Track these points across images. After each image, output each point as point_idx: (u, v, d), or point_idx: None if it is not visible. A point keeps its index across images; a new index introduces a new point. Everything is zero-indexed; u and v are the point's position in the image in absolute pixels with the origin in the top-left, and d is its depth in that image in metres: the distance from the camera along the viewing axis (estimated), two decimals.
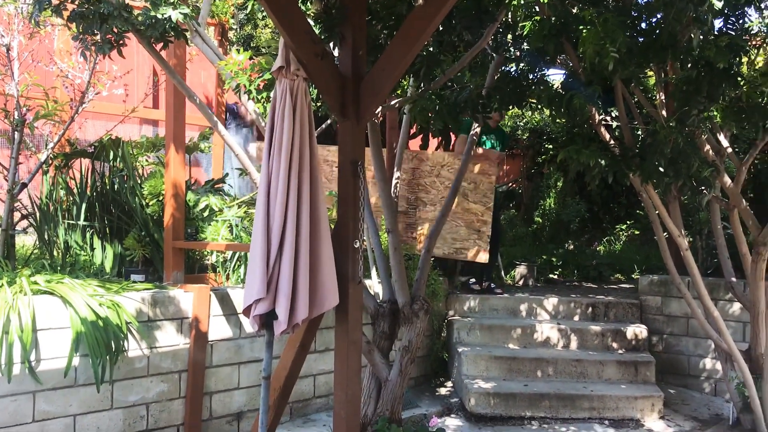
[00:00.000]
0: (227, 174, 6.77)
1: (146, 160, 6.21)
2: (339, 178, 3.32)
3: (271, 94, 3.43)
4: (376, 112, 4.28)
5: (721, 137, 4.71)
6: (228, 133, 4.29)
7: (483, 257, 6.28)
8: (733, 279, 5.23)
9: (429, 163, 6.59)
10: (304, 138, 3.16)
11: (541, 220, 10.02)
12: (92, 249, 5.24)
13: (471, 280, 6.90)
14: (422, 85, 4.21)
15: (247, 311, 3.12)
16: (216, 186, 6.00)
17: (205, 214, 5.49)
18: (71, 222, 5.36)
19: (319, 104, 4.35)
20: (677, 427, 5.21)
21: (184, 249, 5.10)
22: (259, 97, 3.95)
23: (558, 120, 7.46)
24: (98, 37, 3.61)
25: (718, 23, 4.02)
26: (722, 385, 5.75)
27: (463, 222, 6.37)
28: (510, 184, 11.40)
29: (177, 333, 4.41)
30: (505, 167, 11.61)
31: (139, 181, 5.58)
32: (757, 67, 4.65)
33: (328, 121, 4.88)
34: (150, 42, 3.79)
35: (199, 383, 4.47)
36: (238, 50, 4.08)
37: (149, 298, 4.29)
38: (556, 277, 8.39)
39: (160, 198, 5.28)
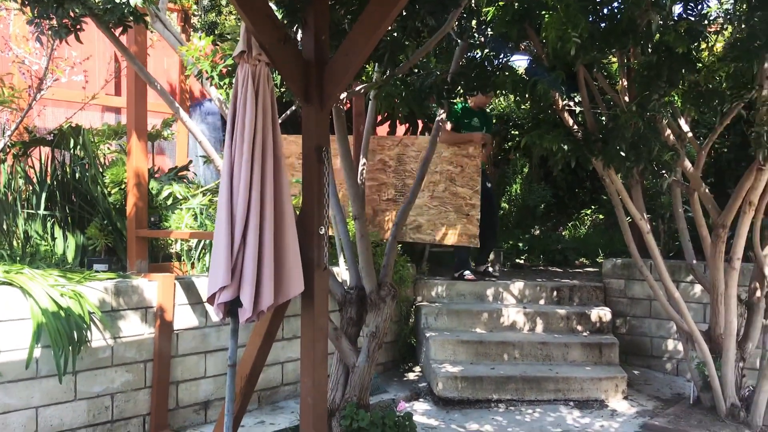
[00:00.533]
0: (191, 161, 6.69)
1: (108, 148, 6.10)
2: (303, 165, 3.30)
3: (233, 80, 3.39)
4: (341, 97, 4.26)
5: (682, 122, 4.79)
6: (191, 120, 4.24)
7: (474, 242, 6.30)
8: (694, 261, 5.34)
9: (414, 148, 6.56)
10: (267, 124, 3.13)
11: (507, 206, 10.09)
12: (53, 239, 5.15)
13: (465, 272, 6.68)
14: (387, 71, 4.20)
15: (211, 299, 3.09)
16: (180, 174, 5.93)
17: (169, 202, 5.42)
18: (31, 212, 5.25)
19: (283, 90, 4.31)
20: (640, 406, 5.32)
21: (147, 238, 5.03)
22: (222, 83, 3.91)
23: (522, 106, 7.51)
24: (54, 21, 3.53)
25: (678, 9, 4.08)
26: (684, 365, 5.88)
27: (452, 207, 6.36)
28: None
29: (141, 322, 4.36)
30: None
31: (100, 170, 5.49)
32: (715, 52, 4.73)
33: (293, 107, 4.84)
34: (109, 27, 3.71)
35: (164, 373, 4.43)
36: (200, 36, 4.02)
37: (112, 288, 4.24)
38: (522, 262, 8.47)
39: (123, 186, 5.20)
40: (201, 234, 4.91)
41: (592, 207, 9.88)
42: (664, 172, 4.23)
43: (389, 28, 3.90)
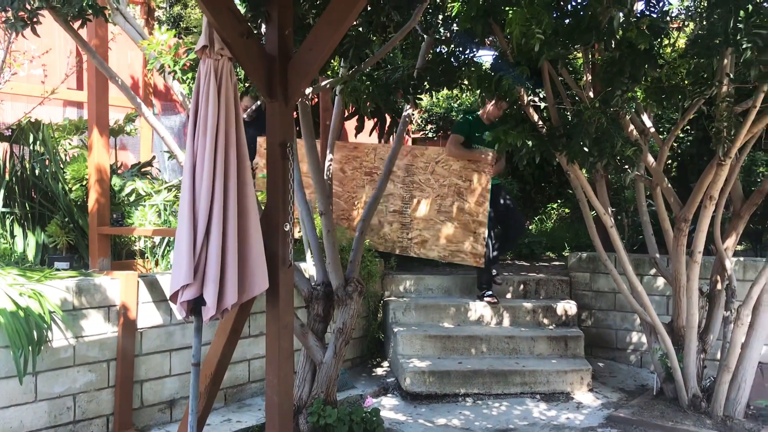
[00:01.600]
0: (154, 157, 6.59)
1: (69, 144, 5.98)
2: (267, 160, 3.27)
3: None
4: (306, 92, 4.23)
5: (645, 117, 4.85)
6: (153, 115, 4.17)
7: (479, 262, 5.96)
8: (657, 255, 5.42)
9: (423, 159, 6.29)
10: (230, 119, 3.10)
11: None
12: (12, 236, 5.03)
13: (486, 294, 6.19)
14: (353, 66, 4.19)
15: (174, 297, 3.06)
16: (143, 170, 5.84)
17: (132, 198, 5.34)
18: None
19: (247, 85, 4.27)
20: (605, 398, 5.39)
21: (110, 235, 4.95)
22: (185, 78, 3.85)
23: (488, 101, 7.52)
24: (10, 14, 3.44)
25: (640, 6, 4.12)
26: (647, 357, 5.97)
27: (460, 223, 6.02)
28: None
29: (104, 321, 4.29)
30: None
31: (61, 166, 5.37)
32: (678, 49, 4.80)
33: (258, 102, 4.79)
34: (67, 20, 3.63)
35: (128, 372, 4.36)
36: (162, 29, 3.96)
37: (74, 287, 4.16)
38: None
39: (84, 183, 5.10)
40: (164, 231, 4.84)
41: (559, 201, 9.97)
42: (627, 167, 4.28)
43: (354, 22, 3.89)
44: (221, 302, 3.02)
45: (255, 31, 3.28)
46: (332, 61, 4.39)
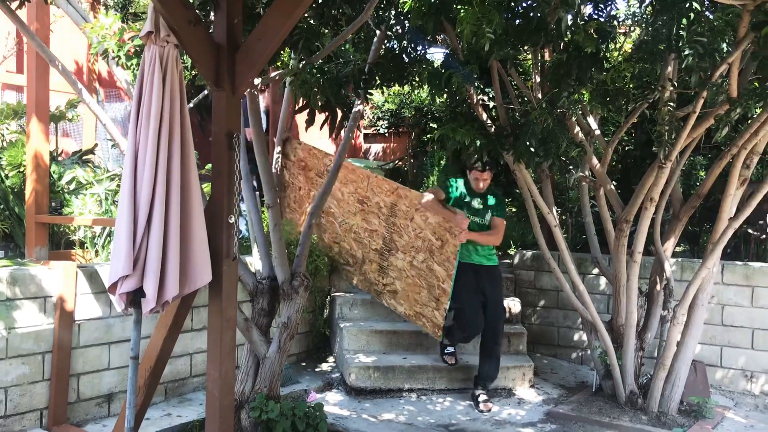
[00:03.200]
0: (96, 145, 6.42)
1: (7, 129, 5.76)
2: (213, 151, 3.21)
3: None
4: (256, 83, 4.18)
5: (591, 120, 4.95)
6: (95, 101, 4.06)
7: (437, 333, 5.32)
8: (599, 254, 5.55)
9: (406, 203, 5.58)
10: (175, 108, 3.03)
11: None
12: None
13: (446, 351, 5.56)
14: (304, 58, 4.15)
15: (112, 288, 2.98)
16: (84, 158, 5.68)
17: (72, 186, 5.18)
18: None
19: (194, 73, 4.19)
20: (546, 394, 5.49)
21: (48, 224, 4.80)
22: (129, 64, 3.75)
23: (438, 98, 7.56)
24: None
25: (588, 9, 4.20)
26: (588, 354, 6.10)
27: (426, 284, 5.38)
28: (396, 162, 11.51)
29: (40, 312, 4.16)
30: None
31: None
32: (624, 53, 4.90)
33: (205, 92, 4.71)
34: (4, 0, 3.49)
35: (64, 365, 4.23)
36: (106, 13, 3.85)
37: (8, 276, 4.01)
38: None
39: (22, 169, 4.93)
40: (105, 221, 4.71)
41: (506, 200, 10.09)
42: (571, 167, 4.36)
43: (305, 14, 3.86)
44: (162, 294, 2.95)
45: (203, 19, 3.21)
46: (282, 52, 4.34)
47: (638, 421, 4.78)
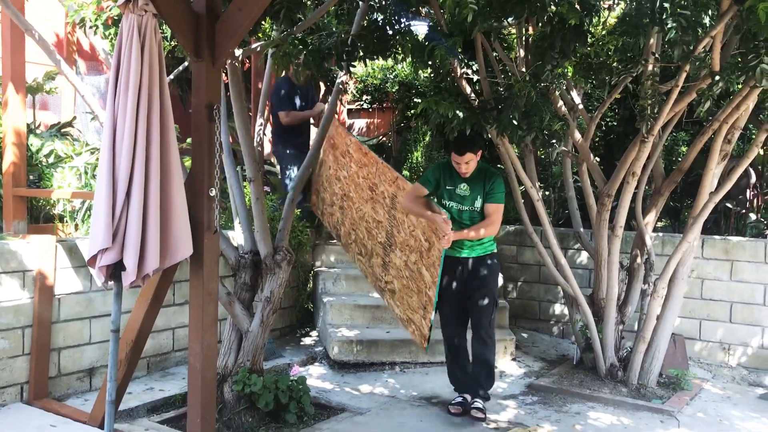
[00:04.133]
0: (75, 117, 6.31)
1: None
2: (193, 123, 3.17)
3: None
4: (237, 55, 4.12)
5: (574, 94, 4.94)
6: (73, 73, 3.99)
7: (423, 344, 4.63)
8: (581, 229, 5.57)
9: (403, 195, 4.82)
10: (154, 79, 2.98)
11: (409, 173, 10.17)
12: None
13: (453, 401, 4.54)
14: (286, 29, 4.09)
15: (92, 261, 2.95)
16: (63, 131, 5.59)
17: (51, 160, 5.10)
18: None
19: (174, 44, 4.12)
20: (527, 367, 5.54)
21: (26, 197, 4.73)
22: (107, 34, 3.68)
23: (421, 71, 7.50)
24: None
25: None
26: (569, 328, 6.16)
27: (416, 287, 4.71)
28: (380, 137, 11.46)
29: (19, 287, 4.11)
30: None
31: None
32: (607, 26, 4.88)
33: (185, 64, 4.64)
34: None
35: (45, 339, 4.21)
36: None
37: None
38: None
39: None
40: (84, 194, 4.65)
41: None
42: (554, 141, 4.35)
43: None
44: (142, 268, 2.93)
45: None
46: (263, 23, 4.28)
47: (618, 393, 4.84)
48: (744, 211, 6.42)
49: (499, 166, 9.21)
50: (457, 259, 4.44)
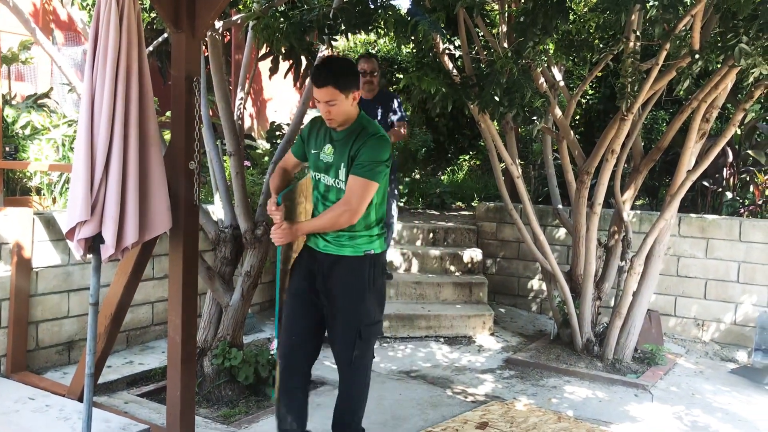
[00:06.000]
0: (51, 89, 6.22)
1: None
2: (172, 95, 3.14)
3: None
4: (217, 27, 4.07)
5: (555, 71, 4.95)
6: (50, 43, 3.92)
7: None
8: (560, 206, 5.62)
9: None
10: (132, 50, 2.94)
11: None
12: None
13: None
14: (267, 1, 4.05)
15: (70, 234, 2.93)
16: (39, 102, 5.50)
17: (27, 131, 5.03)
18: None
19: (153, 15, 4.06)
20: (505, 342, 5.61)
21: (2, 169, 4.67)
22: (85, 4, 3.61)
23: (404, 47, 7.46)
24: None
25: None
26: (547, 304, 6.23)
27: None
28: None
29: None
30: None
31: None
32: (588, 2, 4.88)
33: (165, 35, 4.57)
34: None
35: (22, 312, 4.18)
36: None
37: None
38: (401, 204, 8.60)
39: None
40: (62, 167, 4.60)
41: (470, 153, 10.14)
42: (535, 118, 4.37)
43: None
44: (121, 241, 2.91)
45: None
46: None
47: (594, 367, 4.93)
48: (720, 189, 6.50)
49: (480, 143, 9.26)
50: (314, 255, 3.05)
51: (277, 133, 9.48)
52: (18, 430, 3.30)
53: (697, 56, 4.00)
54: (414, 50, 5.50)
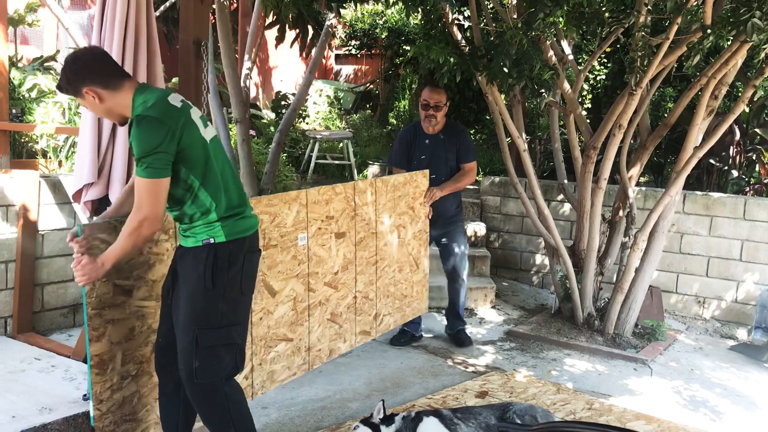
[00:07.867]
0: (58, 51, 6.19)
1: None
2: (180, 59, 3.13)
3: None
4: None
5: (565, 44, 4.91)
6: (57, 5, 3.90)
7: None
8: (565, 181, 5.61)
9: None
10: (141, 14, 2.94)
11: (395, 121, 10.14)
12: None
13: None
14: None
15: (77, 196, 2.95)
16: (45, 65, 5.49)
17: (33, 94, 5.02)
18: None
19: None
20: (506, 315, 5.65)
21: (8, 131, 4.66)
22: None
23: (412, 18, 7.39)
24: None
25: None
26: (549, 278, 6.26)
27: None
28: (367, 85, 11.37)
29: (2, 221, 4.10)
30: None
31: None
32: None
33: (172, 0, 4.55)
34: None
35: (28, 274, 4.21)
36: None
37: None
38: None
39: None
40: (68, 129, 4.60)
41: (476, 127, 10.10)
42: (543, 91, 4.34)
43: None
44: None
45: None
46: None
47: (594, 341, 4.96)
48: (726, 167, 6.49)
49: (486, 117, 9.22)
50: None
51: (283, 102, 9.46)
52: (25, 390, 3.34)
53: (708, 31, 3.96)
54: (422, 20, 5.45)
